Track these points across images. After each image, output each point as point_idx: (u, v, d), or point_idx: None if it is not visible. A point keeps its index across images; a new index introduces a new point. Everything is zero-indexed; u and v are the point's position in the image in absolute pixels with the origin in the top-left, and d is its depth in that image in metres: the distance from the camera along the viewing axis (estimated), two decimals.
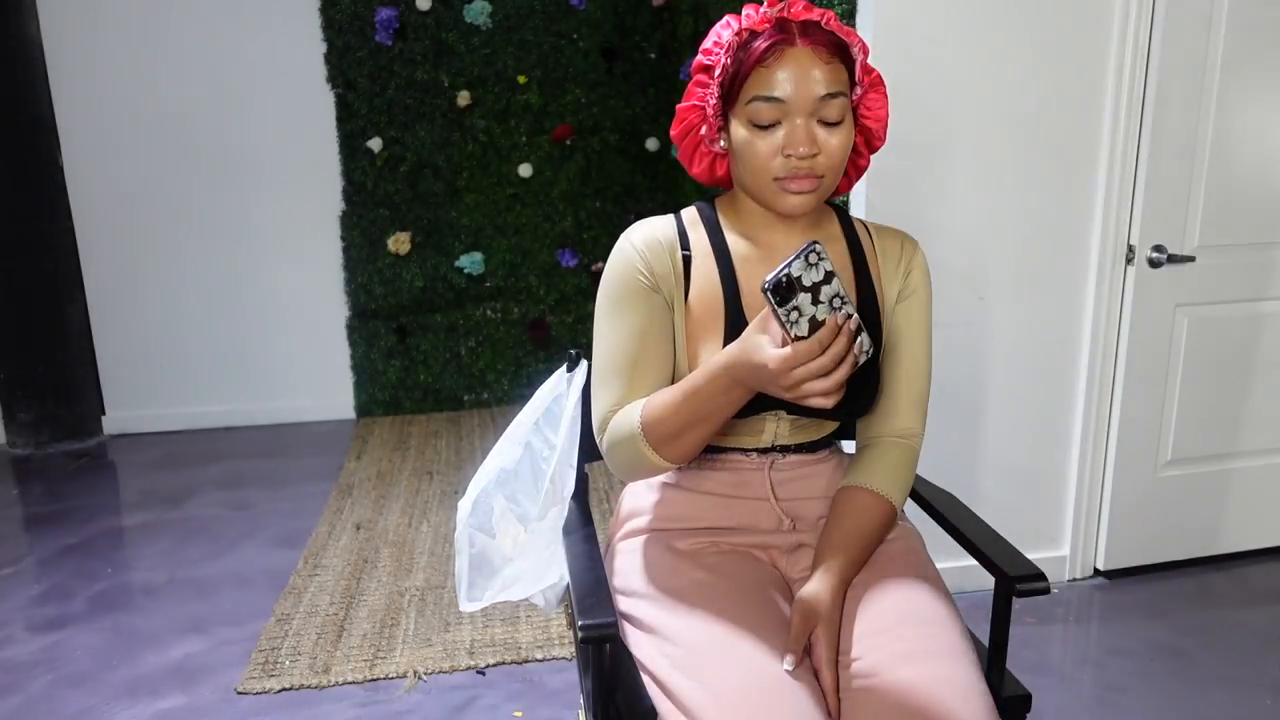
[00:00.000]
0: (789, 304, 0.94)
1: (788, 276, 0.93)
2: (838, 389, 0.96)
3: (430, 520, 3.02)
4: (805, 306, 0.94)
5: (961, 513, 1.38)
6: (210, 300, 3.90)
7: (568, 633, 2.24)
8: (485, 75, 3.88)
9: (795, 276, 0.93)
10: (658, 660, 1.12)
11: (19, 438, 3.78)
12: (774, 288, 0.93)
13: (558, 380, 1.47)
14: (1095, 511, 2.53)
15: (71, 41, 3.58)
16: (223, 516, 3.12)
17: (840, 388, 0.97)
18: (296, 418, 4.06)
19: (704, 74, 1.18)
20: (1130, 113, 2.26)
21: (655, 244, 1.21)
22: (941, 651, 1.09)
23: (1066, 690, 2.10)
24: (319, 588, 2.59)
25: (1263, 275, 2.46)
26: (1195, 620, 2.37)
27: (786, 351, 0.95)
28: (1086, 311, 2.39)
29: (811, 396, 0.97)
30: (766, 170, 1.14)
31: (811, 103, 1.11)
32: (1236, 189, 2.38)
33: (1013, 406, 2.42)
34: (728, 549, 1.25)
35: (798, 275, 0.93)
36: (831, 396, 0.96)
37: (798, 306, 0.94)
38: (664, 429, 1.11)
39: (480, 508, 1.43)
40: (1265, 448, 2.60)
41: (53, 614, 2.50)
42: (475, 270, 4.03)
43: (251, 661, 2.24)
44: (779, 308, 0.94)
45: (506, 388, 4.18)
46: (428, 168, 3.92)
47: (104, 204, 3.73)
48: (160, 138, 3.72)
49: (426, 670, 2.20)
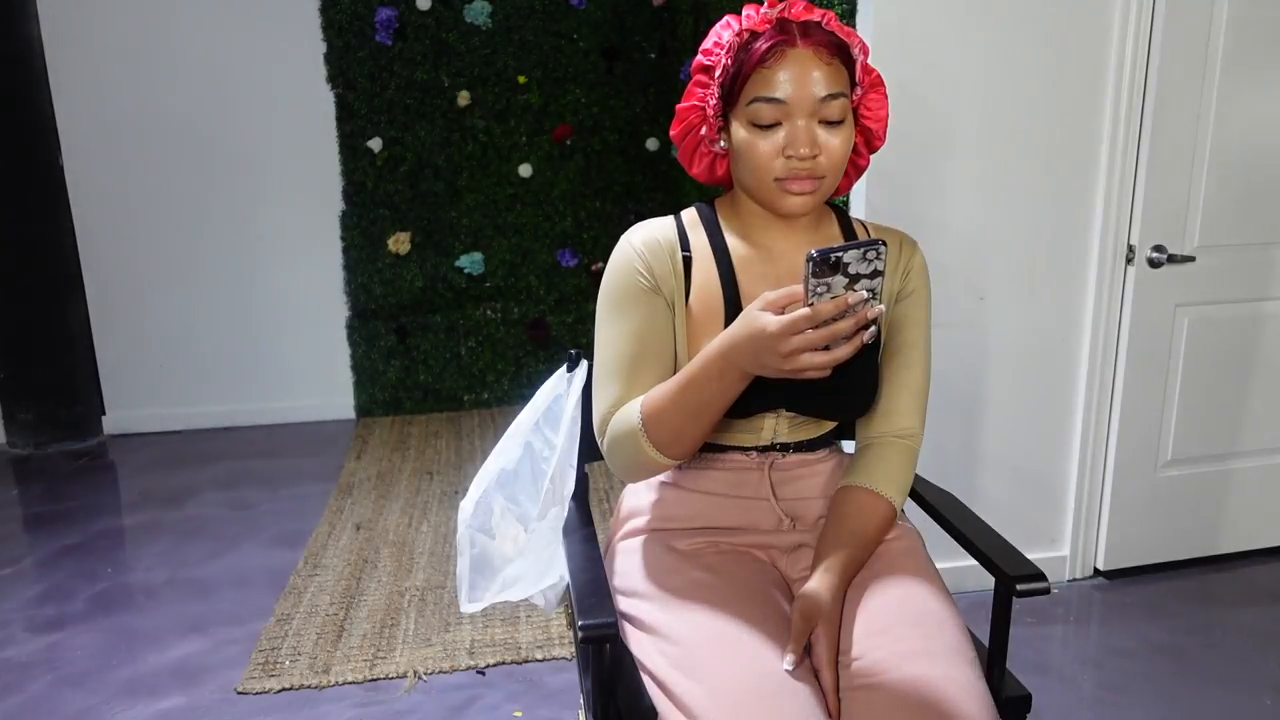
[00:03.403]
0: (822, 278, 0.94)
1: (838, 258, 0.93)
2: (833, 364, 0.97)
3: (430, 520, 3.02)
4: (837, 289, 0.95)
5: (961, 513, 1.38)
6: (210, 300, 3.90)
7: (568, 633, 2.24)
8: (485, 75, 3.88)
9: (845, 262, 0.94)
10: (657, 660, 1.12)
11: (19, 438, 3.78)
12: (819, 258, 0.93)
13: (558, 380, 1.47)
14: (1095, 511, 2.53)
15: (71, 41, 3.58)
16: (223, 516, 3.12)
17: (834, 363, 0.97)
18: (296, 418, 4.06)
19: (704, 74, 1.19)
20: (1130, 113, 2.26)
21: (655, 245, 1.21)
22: (941, 651, 1.09)
23: (1066, 690, 2.10)
24: (319, 588, 2.59)
25: (1263, 275, 2.47)
26: (1195, 620, 2.37)
27: (789, 316, 0.95)
28: (1086, 311, 2.39)
29: (807, 370, 0.97)
30: (767, 171, 1.14)
31: (812, 103, 1.11)
32: (1236, 189, 2.38)
33: (1013, 406, 2.42)
34: (728, 549, 1.26)
35: (847, 262, 0.94)
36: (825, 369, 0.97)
37: (829, 284, 0.94)
38: (663, 423, 1.12)
39: (481, 509, 1.43)
40: (1265, 448, 2.60)
41: (53, 614, 2.50)
42: (475, 270, 4.03)
43: (251, 661, 2.24)
44: (812, 277, 0.94)
45: (506, 388, 4.18)
46: (428, 168, 3.92)
47: (104, 204, 3.73)
48: (160, 138, 3.71)
49: (426, 670, 2.20)
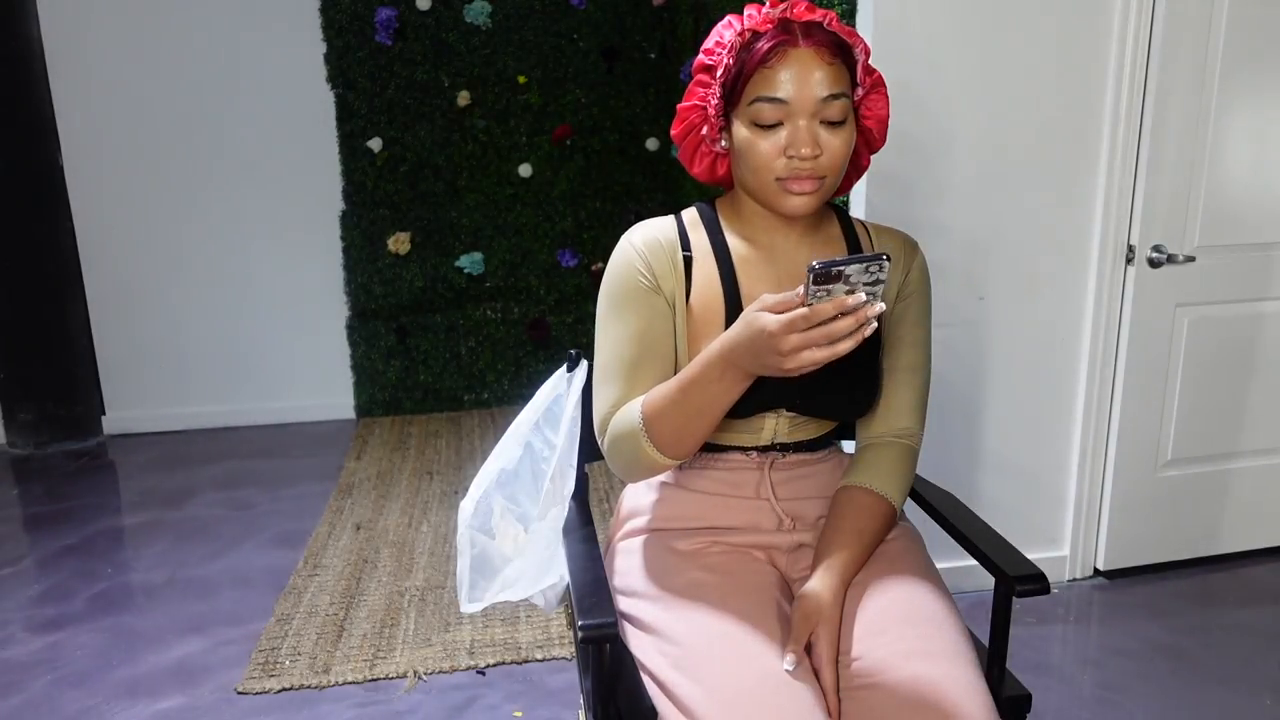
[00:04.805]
0: (823, 286, 0.94)
1: (840, 271, 0.94)
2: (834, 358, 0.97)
3: (430, 520, 3.02)
4: (837, 296, 0.95)
5: (961, 513, 1.38)
6: (210, 300, 3.90)
7: (568, 633, 2.24)
8: (485, 75, 3.88)
9: (846, 274, 0.94)
10: (658, 660, 1.12)
11: (19, 438, 3.78)
12: (822, 269, 0.93)
13: (558, 380, 1.47)
14: (1095, 511, 2.53)
15: (71, 41, 3.58)
16: (223, 516, 3.12)
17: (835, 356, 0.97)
18: (296, 418, 4.06)
19: (706, 74, 1.19)
20: (1130, 113, 2.26)
21: (656, 245, 1.21)
22: (941, 651, 1.09)
23: (1066, 690, 2.10)
24: (319, 588, 2.59)
25: (1263, 275, 2.47)
26: (1195, 620, 2.37)
27: (787, 315, 0.96)
28: (1086, 311, 2.39)
29: (808, 366, 0.97)
30: (768, 170, 1.14)
31: (814, 103, 1.11)
32: (1236, 189, 2.38)
33: (1013, 406, 2.42)
34: (728, 549, 1.26)
35: (849, 274, 0.94)
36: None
37: (829, 292, 0.95)
38: (664, 423, 1.12)
39: (481, 509, 1.43)
40: (1265, 448, 2.60)
41: (53, 614, 2.50)
42: (475, 270, 4.03)
43: (251, 661, 2.24)
44: (813, 285, 0.94)
45: (506, 388, 4.18)
46: (428, 168, 3.92)
47: (104, 204, 3.73)
48: (160, 138, 3.71)
49: (426, 670, 2.20)
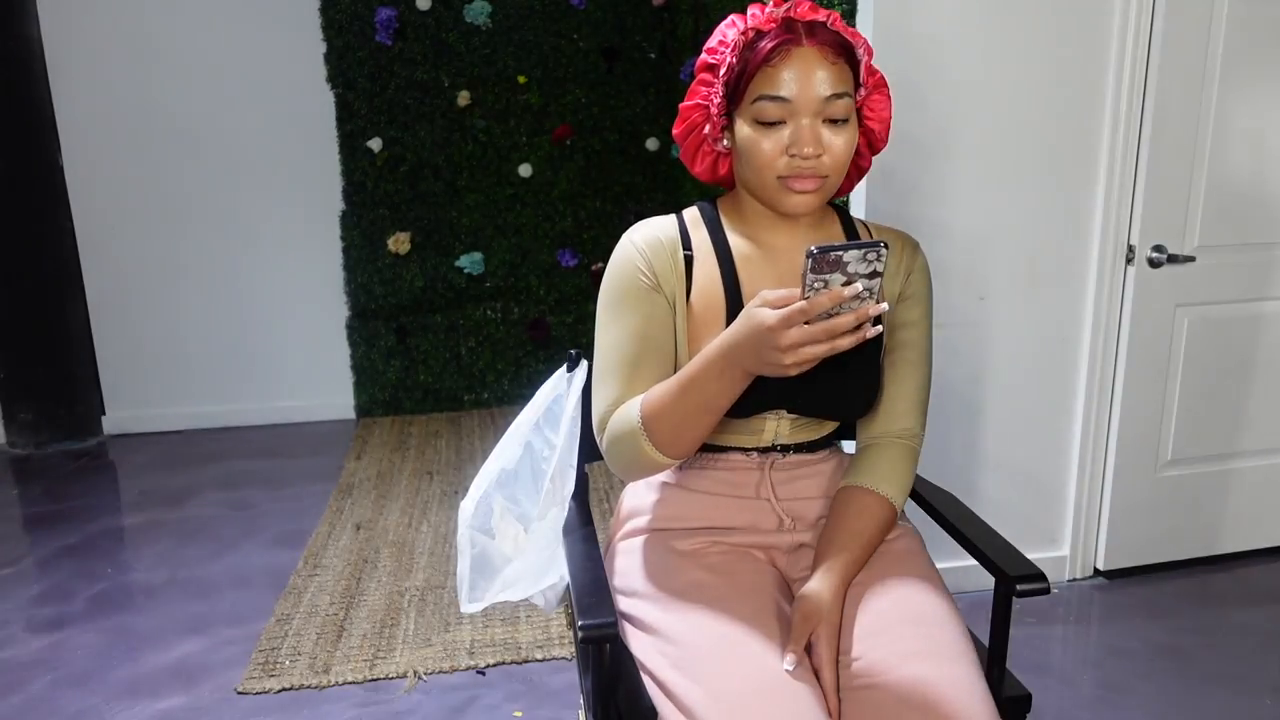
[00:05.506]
0: (821, 274, 0.94)
1: (837, 256, 0.93)
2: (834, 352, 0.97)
3: (430, 520, 3.02)
4: (834, 287, 0.95)
5: (961, 513, 1.38)
6: (210, 300, 3.90)
7: (568, 633, 2.23)
8: (485, 75, 3.87)
9: (844, 260, 0.94)
10: (658, 660, 1.12)
11: (19, 438, 3.78)
12: (819, 254, 0.93)
13: (558, 380, 1.47)
14: (1095, 511, 2.53)
15: (71, 41, 3.58)
16: (223, 516, 3.12)
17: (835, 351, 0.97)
18: (296, 418, 4.06)
19: (708, 73, 1.19)
20: (1130, 113, 2.26)
21: (657, 244, 1.21)
22: (941, 651, 1.09)
23: (1066, 690, 2.10)
24: (319, 588, 2.59)
25: (1263, 275, 2.47)
26: (1195, 620, 2.37)
27: (785, 310, 0.96)
28: (1086, 311, 2.39)
29: (807, 362, 0.97)
30: (771, 169, 1.14)
31: (817, 103, 1.11)
32: (1236, 189, 2.38)
33: (1013, 406, 2.42)
34: (728, 549, 1.25)
35: (846, 261, 0.94)
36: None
37: (826, 281, 0.95)
38: (663, 422, 1.11)
39: (481, 509, 1.43)
40: (1265, 448, 2.60)
41: (53, 614, 2.50)
42: (475, 270, 4.03)
43: (251, 661, 2.24)
44: (810, 273, 0.94)
45: (506, 388, 4.18)
46: (428, 168, 3.92)
47: (104, 204, 3.73)
48: (160, 138, 3.71)
49: (426, 670, 2.20)
